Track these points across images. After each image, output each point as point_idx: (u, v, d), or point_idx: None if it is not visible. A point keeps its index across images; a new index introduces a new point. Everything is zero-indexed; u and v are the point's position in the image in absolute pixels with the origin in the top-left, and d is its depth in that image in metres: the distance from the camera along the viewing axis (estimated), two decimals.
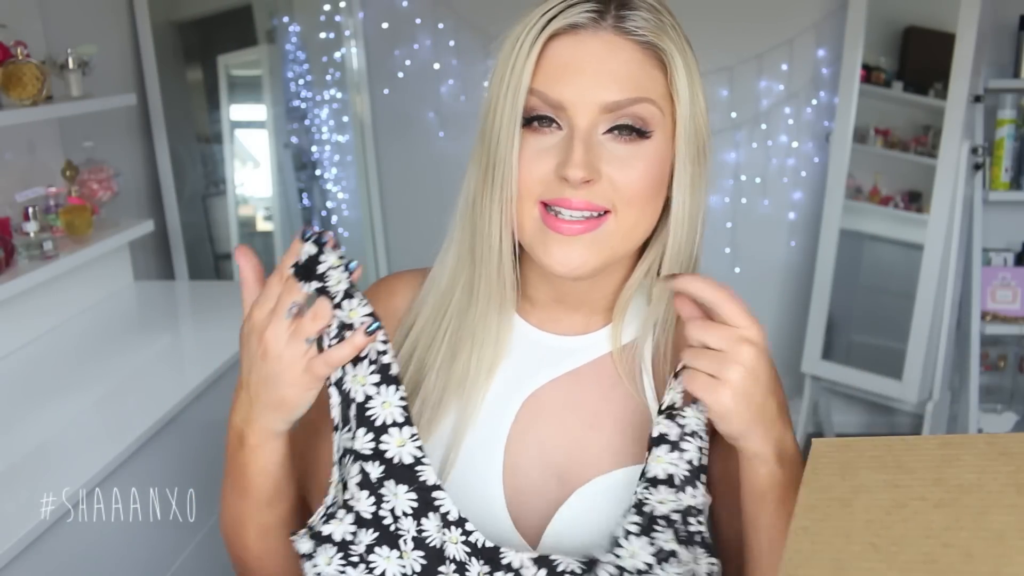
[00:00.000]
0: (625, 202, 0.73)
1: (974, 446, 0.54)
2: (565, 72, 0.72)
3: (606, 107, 0.71)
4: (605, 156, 0.72)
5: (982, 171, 2.76)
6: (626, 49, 0.72)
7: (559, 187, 0.72)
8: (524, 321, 0.84)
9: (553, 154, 0.72)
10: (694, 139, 0.75)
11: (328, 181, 3.21)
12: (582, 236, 0.73)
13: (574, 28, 0.72)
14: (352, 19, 2.99)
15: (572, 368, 0.82)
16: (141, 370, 1.76)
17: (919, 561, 0.44)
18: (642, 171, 0.73)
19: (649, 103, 0.72)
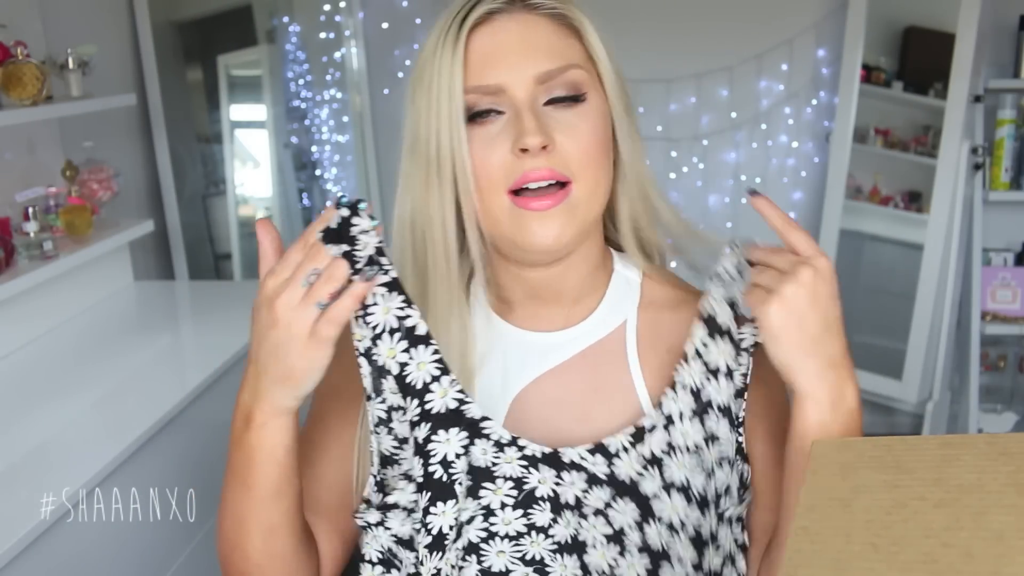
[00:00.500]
0: (582, 166, 0.76)
1: (974, 446, 0.54)
2: (493, 57, 0.75)
3: (539, 78, 0.75)
4: (552, 124, 0.75)
5: (982, 171, 2.76)
6: (540, 23, 0.77)
7: (519, 165, 0.74)
8: (504, 321, 0.84)
9: (504, 137, 0.75)
10: (621, 93, 0.80)
11: (328, 181, 3.21)
12: (554, 209, 0.75)
13: (489, 16, 0.76)
14: (352, 19, 2.99)
15: (557, 363, 0.82)
16: (141, 370, 1.76)
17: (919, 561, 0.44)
18: (588, 131, 0.76)
19: (576, 68, 0.76)
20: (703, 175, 3.03)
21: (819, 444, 0.58)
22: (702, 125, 2.99)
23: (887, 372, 2.75)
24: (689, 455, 0.78)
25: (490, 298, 0.85)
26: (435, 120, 0.75)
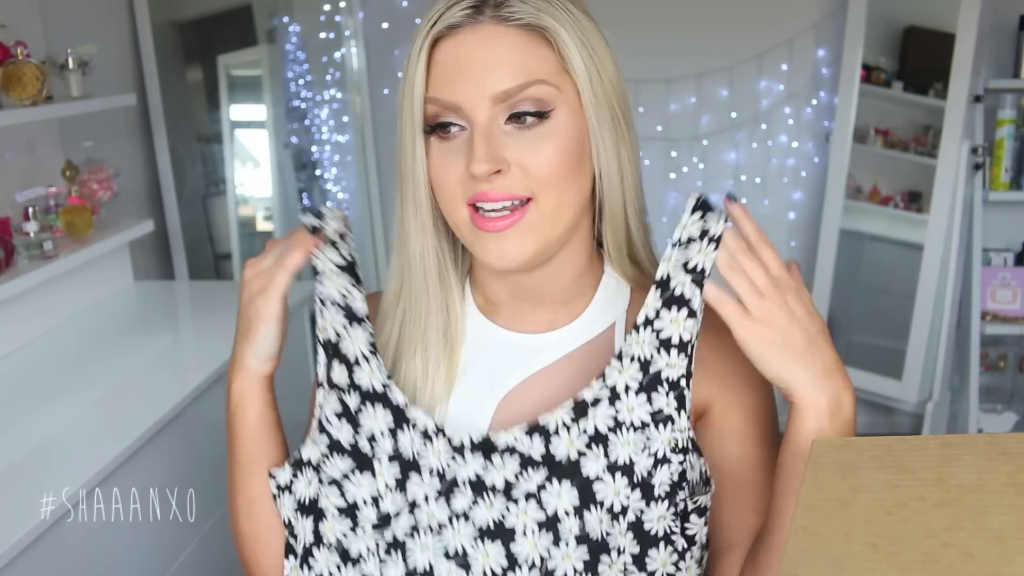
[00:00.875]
0: (541, 185, 0.73)
1: (974, 446, 0.54)
2: (452, 72, 0.73)
3: (497, 97, 0.72)
4: (510, 144, 0.73)
5: (982, 171, 2.76)
6: (507, 36, 0.73)
7: (475, 184, 0.73)
8: (491, 323, 0.83)
9: (461, 155, 0.73)
10: (604, 103, 0.75)
11: (328, 181, 3.21)
12: (511, 229, 0.74)
13: (455, 28, 0.73)
14: (352, 19, 2.99)
15: (544, 365, 0.81)
16: (141, 370, 1.76)
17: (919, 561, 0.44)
18: (551, 150, 0.73)
19: (540, 84, 0.72)
20: (703, 175, 3.03)
21: (819, 444, 0.58)
22: (702, 125, 2.99)
23: (887, 372, 2.75)
24: (634, 433, 0.73)
25: (477, 299, 0.84)
26: (401, 130, 0.76)
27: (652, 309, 0.74)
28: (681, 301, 0.73)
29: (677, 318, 0.73)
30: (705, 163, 3.02)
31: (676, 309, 0.73)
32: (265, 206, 3.05)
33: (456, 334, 0.82)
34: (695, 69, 2.92)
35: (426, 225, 0.78)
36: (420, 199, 0.77)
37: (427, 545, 0.75)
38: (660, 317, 0.74)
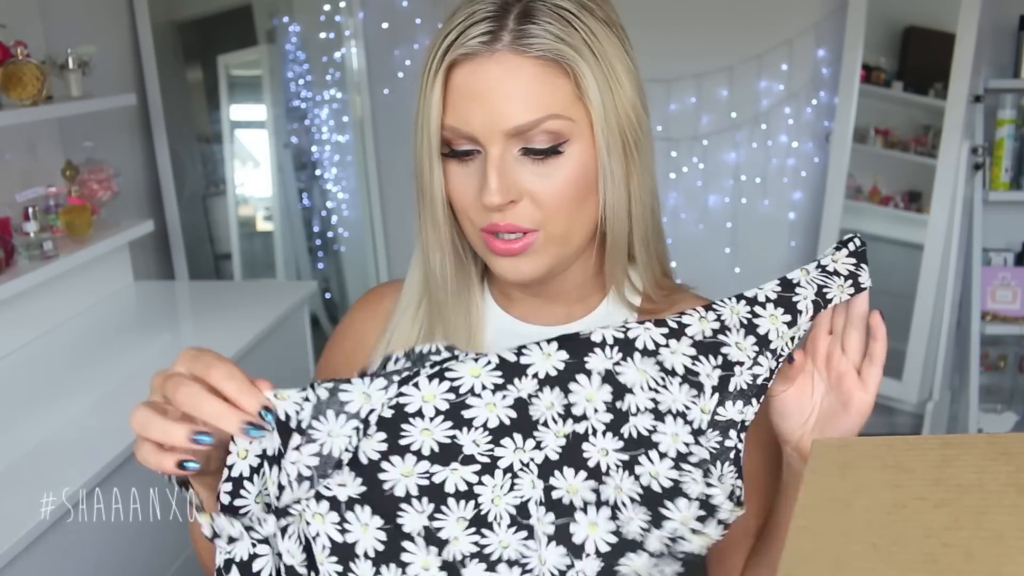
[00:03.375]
0: (551, 216, 0.74)
1: (974, 446, 0.54)
2: (468, 102, 0.72)
3: (511, 132, 0.71)
4: (521, 173, 0.73)
5: (982, 171, 2.76)
6: (524, 67, 0.71)
7: (486, 213, 0.74)
8: (507, 314, 0.85)
9: (475, 181, 0.74)
10: (617, 133, 0.74)
11: (328, 181, 3.21)
12: (523, 253, 0.75)
13: (469, 56, 0.71)
14: (352, 19, 2.99)
15: None
16: (141, 370, 1.76)
17: (919, 561, 0.44)
18: (562, 181, 0.73)
19: (554, 119, 0.72)
20: (703, 175, 3.03)
21: (819, 443, 0.58)
22: (702, 125, 2.99)
23: (887, 372, 2.72)
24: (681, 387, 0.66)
25: (494, 292, 0.86)
26: (416, 145, 0.76)
27: (763, 294, 0.70)
28: (793, 310, 0.70)
29: (776, 315, 0.70)
30: (705, 163, 3.02)
31: (783, 312, 0.70)
32: (265, 206, 3.05)
33: (477, 333, 0.83)
34: (695, 69, 2.92)
35: (444, 241, 0.79)
36: (438, 218, 0.77)
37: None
38: (764, 308, 0.70)
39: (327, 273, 3.25)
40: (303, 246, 3.18)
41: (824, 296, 0.71)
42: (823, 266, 0.72)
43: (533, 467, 0.65)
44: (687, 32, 2.91)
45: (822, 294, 0.71)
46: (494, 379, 0.65)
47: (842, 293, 0.71)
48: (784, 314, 0.70)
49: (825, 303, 0.70)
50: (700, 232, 3.07)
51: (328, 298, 3.26)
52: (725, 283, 3.06)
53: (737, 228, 3.06)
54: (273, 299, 2.12)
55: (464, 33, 0.71)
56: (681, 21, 2.90)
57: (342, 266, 3.28)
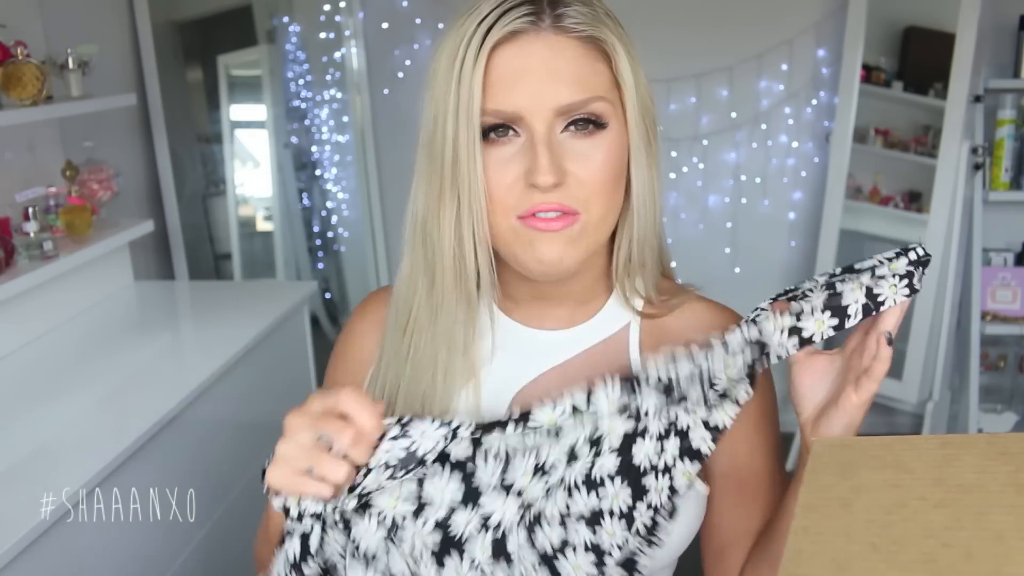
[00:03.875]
0: (593, 197, 0.74)
1: (974, 446, 0.54)
2: (515, 81, 0.71)
3: (560, 110, 0.72)
4: (568, 154, 0.73)
5: (982, 171, 2.76)
6: (569, 47, 0.72)
7: (529, 195, 0.72)
8: (509, 319, 0.85)
9: (517, 162, 0.72)
10: (642, 121, 0.77)
11: (328, 181, 3.22)
12: (561, 232, 0.73)
13: (515, 35, 0.71)
14: (352, 19, 2.99)
15: (560, 362, 0.83)
16: (141, 370, 1.76)
17: (919, 561, 0.44)
18: (602, 162, 0.74)
19: (600, 100, 0.73)
20: (703, 175, 3.03)
21: (819, 443, 0.58)
22: (702, 125, 2.99)
23: (887, 372, 2.74)
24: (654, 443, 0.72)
25: (496, 295, 0.84)
26: (452, 134, 0.73)
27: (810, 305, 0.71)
28: (842, 313, 0.70)
29: (823, 319, 0.70)
30: (705, 163, 3.02)
31: (830, 315, 0.70)
32: (265, 206, 3.05)
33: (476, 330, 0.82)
34: (695, 69, 2.92)
35: (481, 237, 0.75)
36: (482, 211, 0.74)
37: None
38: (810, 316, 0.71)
39: (327, 273, 3.25)
40: (303, 246, 3.18)
41: (875, 297, 0.70)
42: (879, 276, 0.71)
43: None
44: (687, 32, 2.91)
45: (873, 295, 0.70)
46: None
47: (895, 294, 0.70)
48: (831, 318, 0.70)
49: (876, 306, 0.70)
50: (700, 232, 3.07)
51: (328, 298, 3.26)
52: (725, 283, 3.06)
53: (737, 228, 3.06)
54: (273, 299, 2.12)
55: (504, 16, 0.71)
56: (681, 21, 2.90)
57: (342, 266, 3.28)
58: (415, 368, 0.80)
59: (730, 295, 0.97)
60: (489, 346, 0.83)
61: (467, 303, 0.79)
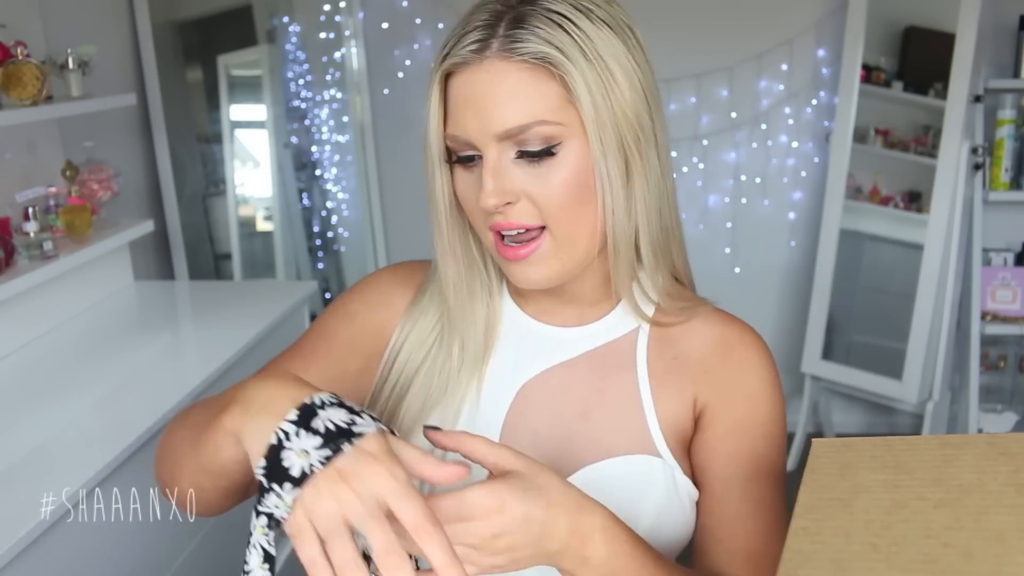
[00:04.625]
0: (552, 216, 0.75)
1: (974, 446, 0.54)
2: (463, 108, 0.74)
3: (501, 136, 0.73)
4: (519, 176, 0.74)
5: (982, 171, 2.76)
6: (511, 72, 0.72)
7: (490, 215, 0.76)
8: (521, 311, 0.87)
9: (478, 185, 0.75)
10: (614, 133, 0.74)
11: (328, 181, 3.21)
12: (530, 257, 0.76)
13: (463, 64, 0.73)
14: (352, 19, 2.99)
15: (566, 359, 0.84)
16: (141, 370, 1.76)
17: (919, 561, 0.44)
18: (559, 182, 0.74)
19: (543, 124, 0.72)
20: (703, 175, 3.03)
21: (819, 444, 0.57)
22: (702, 125, 2.99)
23: (887, 372, 2.75)
24: None
25: (510, 288, 0.88)
26: (424, 158, 0.79)
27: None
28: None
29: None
30: (705, 163, 3.02)
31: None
32: (265, 206, 3.05)
33: (493, 329, 0.85)
34: (695, 69, 2.92)
35: (450, 245, 0.82)
36: (443, 224, 0.81)
37: None
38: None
39: (327, 273, 3.25)
40: (303, 246, 3.18)
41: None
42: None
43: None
44: (687, 32, 2.91)
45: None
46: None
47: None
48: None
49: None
50: (700, 232, 3.07)
51: (328, 298, 3.26)
52: (725, 283, 3.06)
53: (737, 228, 3.06)
54: (273, 299, 2.12)
55: (458, 43, 0.73)
56: (681, 21, 2.90)
57: (342, 266, 3.28)
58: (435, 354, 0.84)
59: (730, 295, 0.98)
60: (500, 334, 0.86)
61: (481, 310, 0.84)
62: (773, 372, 0.83)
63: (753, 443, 0.82)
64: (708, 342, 0.83)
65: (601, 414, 0.82)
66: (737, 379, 0.82)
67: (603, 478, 0.79)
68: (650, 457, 0.80)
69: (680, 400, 0.82)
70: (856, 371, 2.81)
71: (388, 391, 0.85)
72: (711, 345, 0.83)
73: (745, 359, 0.82)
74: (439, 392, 0.83)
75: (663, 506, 0.79)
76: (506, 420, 0.83)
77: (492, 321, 0.85)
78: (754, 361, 0.82)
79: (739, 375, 0.82)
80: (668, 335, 0.84)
